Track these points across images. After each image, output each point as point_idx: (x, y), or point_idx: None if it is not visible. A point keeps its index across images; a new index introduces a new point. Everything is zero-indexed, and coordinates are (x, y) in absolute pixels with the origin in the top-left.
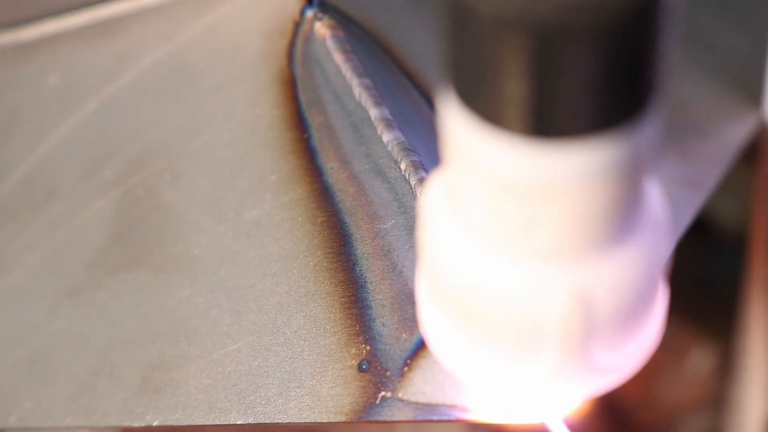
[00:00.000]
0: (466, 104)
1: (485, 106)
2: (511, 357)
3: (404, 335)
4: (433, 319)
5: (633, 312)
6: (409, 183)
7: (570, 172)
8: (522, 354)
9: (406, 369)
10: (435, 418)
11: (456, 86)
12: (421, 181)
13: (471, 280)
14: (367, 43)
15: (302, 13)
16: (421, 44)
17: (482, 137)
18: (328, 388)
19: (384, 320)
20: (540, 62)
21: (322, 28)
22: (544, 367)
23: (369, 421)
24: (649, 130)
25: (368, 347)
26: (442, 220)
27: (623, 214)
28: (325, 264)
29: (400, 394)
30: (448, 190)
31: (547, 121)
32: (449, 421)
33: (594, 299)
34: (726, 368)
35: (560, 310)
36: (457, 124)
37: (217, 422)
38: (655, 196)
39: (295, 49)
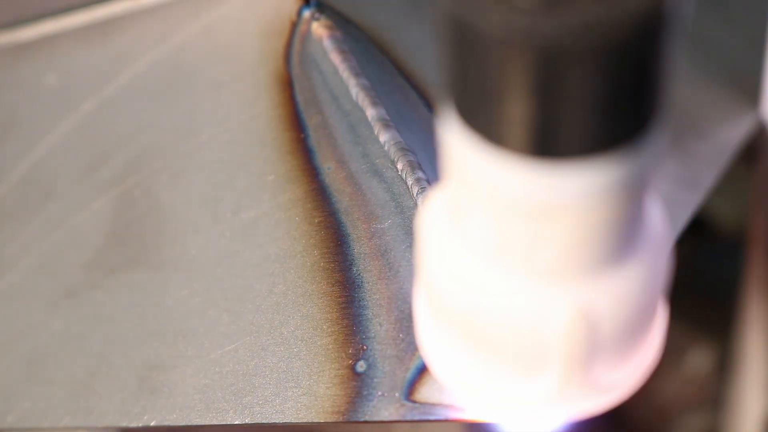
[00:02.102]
0: (468, 123)
1: (488, 126)
2: (512, 376)
3: (401, 335)
4: (432, 338)
5: (635, 329)
6: (405, 183)
7: (573, 192)
8: (524, 373)
9: (403, 369)
10: (433, 418)
11: (458, 105)
12: (418, 181)
13: (472, 299)
14: (364, 43)
15: (299, 13)
16: (419, 44)
17: (484, 157)
18: (325, 388)
19: (381, 320)
20: (544, 83)
21: (319, 28)
22: (546, 385)
23: (366, 421)
24: (651, 149)
25: (365, 347)
26: (442, 237)
27: (626, 232)
28: (322, 264)
29: (397, 394)
30: (448, 207)
31: (550, 141)
32: (447, 421)
33: (597, 318)
34: (724, 368)
35: (563, 328)
36: (459, 143)
37: (214, 422)
38: (655, 212)
39: (292, 50)
